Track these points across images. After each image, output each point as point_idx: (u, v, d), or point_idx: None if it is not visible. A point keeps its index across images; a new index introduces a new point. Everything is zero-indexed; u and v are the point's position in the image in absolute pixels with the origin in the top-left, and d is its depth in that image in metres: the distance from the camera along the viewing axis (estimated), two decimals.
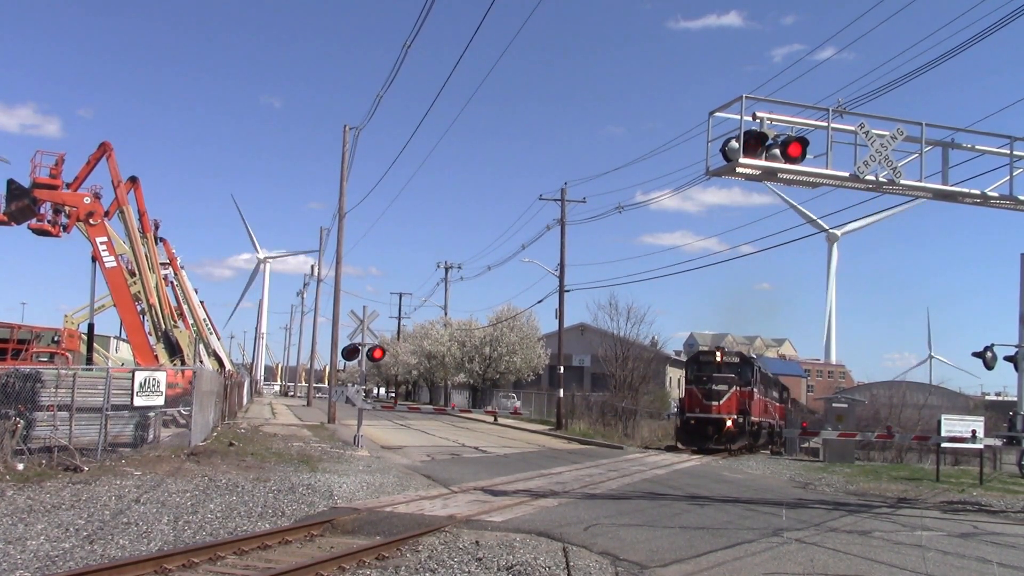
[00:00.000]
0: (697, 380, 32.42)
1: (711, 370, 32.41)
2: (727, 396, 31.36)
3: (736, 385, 31.83)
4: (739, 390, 31.86)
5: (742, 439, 31.86)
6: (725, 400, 31.31)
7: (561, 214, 42.61)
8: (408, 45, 24.74)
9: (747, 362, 33.85)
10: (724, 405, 31.26)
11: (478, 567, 9.01)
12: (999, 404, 55.40)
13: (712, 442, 30.85)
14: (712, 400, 31.32)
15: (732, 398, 31.40)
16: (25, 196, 27.98)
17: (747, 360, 34.18)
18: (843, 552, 10.90)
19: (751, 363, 33.93)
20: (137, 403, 18.47)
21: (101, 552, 9.26)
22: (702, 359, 33.77)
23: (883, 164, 14.13)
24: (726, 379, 31.77)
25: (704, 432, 31.05)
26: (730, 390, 31.50)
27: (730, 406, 31.28)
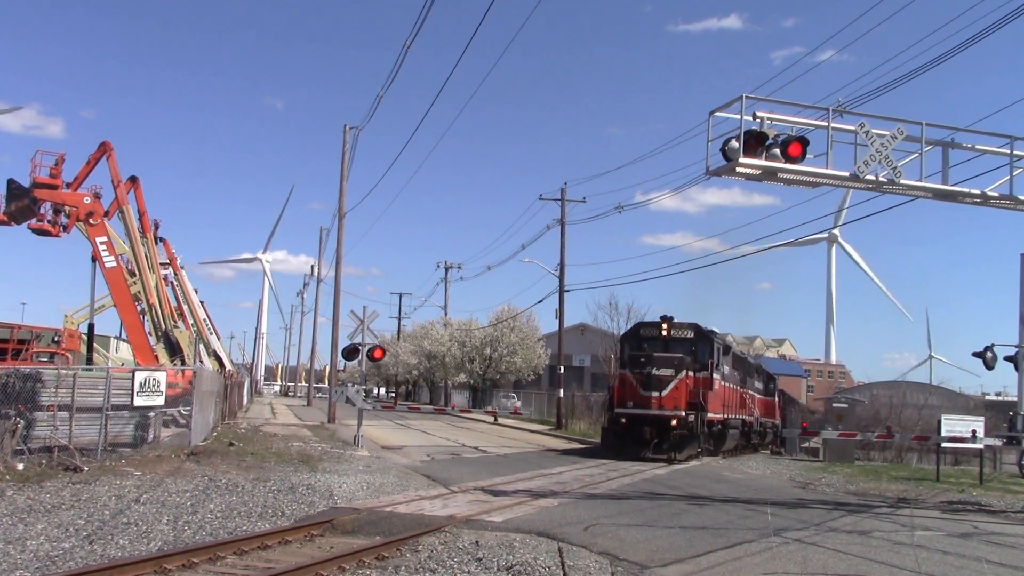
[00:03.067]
0: (633, 363, 24.64)
1: (654, 348, 25.30)
2: (673, 384, 23.98)
3: (687, 369, 24.50)
4: (691, 376, 24.65)
5: (692, 444, 24.36)
6: (670, 390, 23.90)
7: (561, 214, 42.65)
8: (408, 45, 24.76)
9: (704, 338, 26.28)
10: (669, 397, 23.84)
11: (478, 567, 9.01)
12: (999, 404, 55.40)
13: (650, 449, 23.76)
14: (652, 390, 23.78)
15: (680, 387, 24.10)
16: (25, 196, 27.99)
17: (704, 335, 26.38)
18: (843, 552, 10.90)
19: (710, 340, 26.28)
20: (137, 403, 18.47)
21: (101, 552, 9.26)
22: (642, 333, 26.39)
23: (883, 164, 14.13)
24: (673, 361, 24.25)
25: (639, 435, 23.82)
26: (678, 376, 24.11)
27: (677, 398, 23.92)
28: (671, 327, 25.97)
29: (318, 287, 66.25)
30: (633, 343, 26.32)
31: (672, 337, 25.80)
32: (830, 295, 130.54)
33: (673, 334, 25.85)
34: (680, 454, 24.00)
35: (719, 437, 27.42)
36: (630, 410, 24.10)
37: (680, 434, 23.99)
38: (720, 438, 27.53)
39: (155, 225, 36.22)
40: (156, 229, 36.62)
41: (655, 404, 23.80)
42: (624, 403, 24.34)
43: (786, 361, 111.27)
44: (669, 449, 23.81)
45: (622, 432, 24.39)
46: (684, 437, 24.10)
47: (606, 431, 25.73)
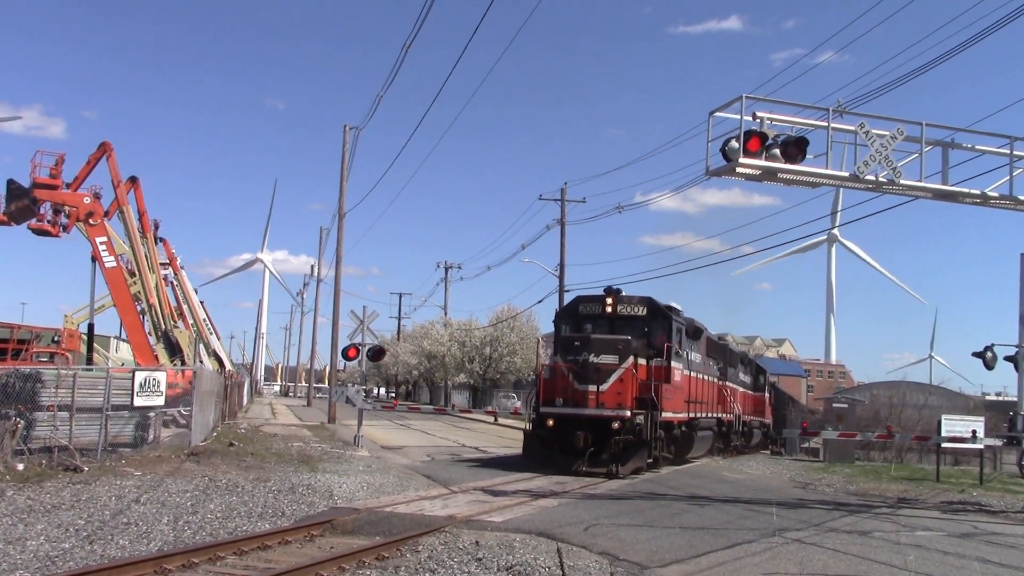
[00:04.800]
0: (566, 348, 19.70)
1: (596, 329, 20.46)
2: (616, 375, 18.83)
3: (637, 355, 19.47)
4: (643, 365, 19.72)
5: (640, 453, 18.93)
6: (613, 382, 18.78)
7: (561, 214, 42.68)
8: (408, 45, 24.77)
9: (659, 316, 21.00)
10: (610, 392, 18.77)
11: (478, 567, 9.01)
12: (999, 404, 55.39)
13: (585, 460, 18.55)
14: (588, 383, 18.75)
15: (626, 379, 18.90)
16: (25, 196, 27.99)
17: (660, 312, 21.07)
18: (843, 552, 10.90)
19: (667, 318, 20.96)
20: (137, 403, 18.47)
21: (101, 552, 9.25)
22: (582, 310, 21.43)
23: (883, 164, 14.13)
24: (617, 345, 19.16)
25: (570, 441, 18.61)
26: (623, 364, 18.93)
27: (621, 393, 18.83)
28: (617, 302, 20.84)
29: (318, 287, 66.32)
30: (570, 323, 21.29)
31: (618, 315, 20.69)
32: (830, 295, 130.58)
33: (620, 311, 20.73)
34: (624, 466, 18.57)
35: (683, 441, 22.05)
36: (559, 409, 19.02)
37: (624, 440, 18.56)
38: (684, 442, 22.14)
39: (155, 225, 36.22)
40: (156, 229, 36.63)
41: (592, 401, 18.68)
42: (552, 400, 19.29)
43: (786, 361, 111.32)
44: (610, 460, 18.52)
45: (549, 437, 19.10)
46: (630, 444, 18.66)
47: (529, 436, 19.88)
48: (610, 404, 18.74)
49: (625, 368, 18.97)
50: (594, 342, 19.20)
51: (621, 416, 18.65)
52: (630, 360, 19.11)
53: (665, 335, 20.73)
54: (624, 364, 18.99)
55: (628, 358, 19.09)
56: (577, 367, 19.06)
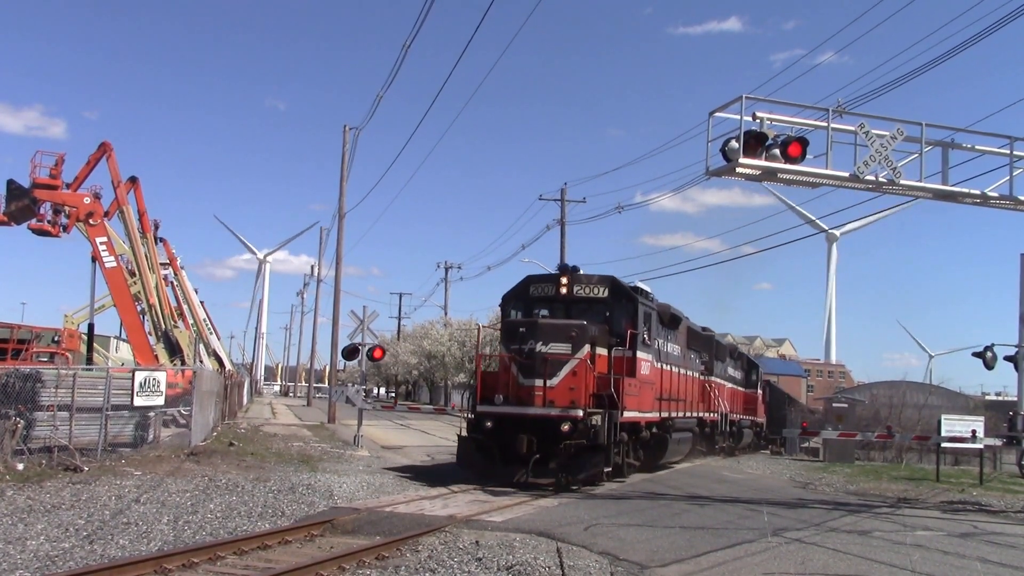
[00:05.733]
0: (510, 334, 16.86)
1: (552, 314, 17.78)
2: (568, 368, 16.07)
3: (594, 344, 16.63)
4: (602, 355, 16.95)
5: (596, 460, 15.99)
6: (564, 376, 16.05)
7: (561, 214, 42.69)
8: (408, 45, 24.78)
9: (624, 298, 18.07)
10: (561, 387, 15.99)
11: (478, 567, 9.01)
12: (999, 404, 55.38)
13: (530, 470, 15.56)
14: (534, 377, 16.00)
15: (580, 372, 16.07)
16: (25, 196, 28.01)
17: (624, 294, 18.12)
18: (843, 552, 10.90)
19: (632, 301, 18.00)
20: (137, 403, 18.48)
21: (101, 552, 9.25)
22: (533, 292, 18.31)
23: (883, 164, 14.14)
24: (570, 332, 16.33)
25: (513, 447, 15.70)
26: (577, 354, 16.15)
27: (575, 389, 16.01)
28: (572, 281, 17.84)
29: (318, 287, 66.31)
30: (521, 307, 18.39)
31: (575, 297, 17.77)
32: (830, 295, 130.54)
33: (576, 292, 17.76)
34: (575, 476, 15.88)
35: (654, 445, 19.36)
36: (498, 408, 16.14)
37: (576, 445, 15.69)
38: (656, 446, 19.40)
39: (155, 225, 36.27)
40: (156, 229, 36.67)
41: (538, 399, 15.88)
42: (490, 398, 16.48)
43: (786, 361, 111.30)
44: (559, 468, 15.71)
45: (487, 442, 16.16)
46: (583, 450, 15.77)
47: (463, 441, 16.86)
48: (560, 402, 15.91)
49: (579, 359, 16.08)
50: (542, 328, 16.32)
51: (572, 416, 15.70)
52: (586, 349, 16.29)
53: (630, 321, 17.72)
54: (578, 354, 16.14)
55: (583, 347, 16.26)
56: (522, 358, 16.19)
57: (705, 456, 26.35)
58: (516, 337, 16.55)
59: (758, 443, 35.68)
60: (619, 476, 17.91)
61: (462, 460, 17.08)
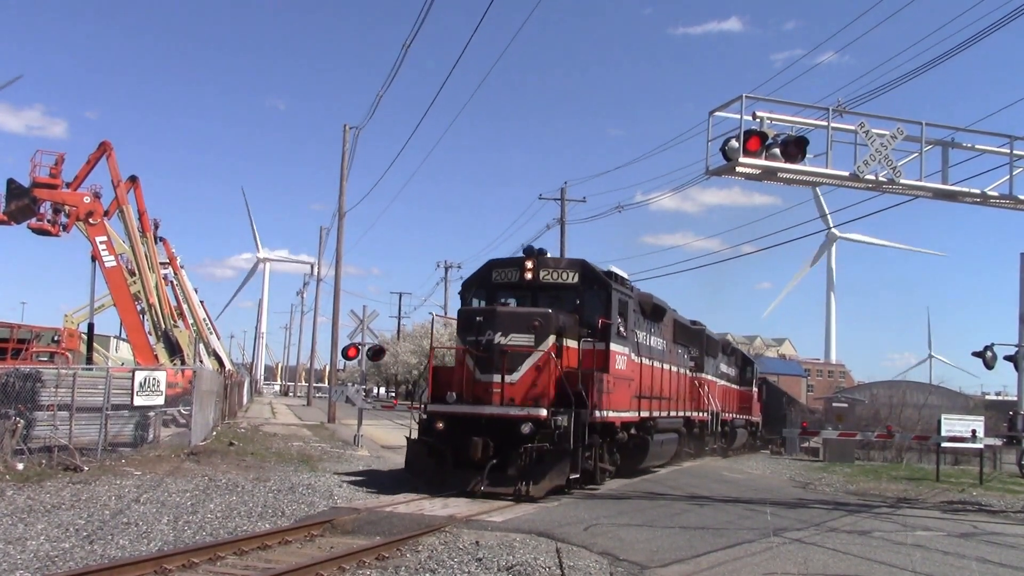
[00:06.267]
0: (467, 325, 15.22)
1: (516, 301, 16.16)
2: (531, 362, 14.61)
3: (562, 336, 15.15)
4: (568, 348, 15.30)
5: (560, 466, 14.09)
6: (526, 371, 14.60)
7: (561, 213, 42.69)
8: (408, 45, 24.76)
9: (596, 284, 16.46)
10: (522, 384, 14.57)
11: (478, 567, 9.01)
12: (999, 404, 55.42)
13: (485, 477, 13.92)
14: (492, 372, 14.56)
15: (545, 367, 14.60)
16: (25, 195, 28.02)
17: (596, 280, 16.50)
18: (843, 552, 10.90)
19: (605, 287, 16.40)
20: (137, 403, 18.49)
21: (101, 552, 9.25)
22: (495, 278, 16.65)
23: (883, 164, 14.13)
24: (532, 321, 14.74)
25: (467, 451, 14.14)
26: (541, 347, 14.65)
27: (539, 386, 14.55)
28: (539, 266, 16.16)
29: (318, 287, 66.29)
30: (483, 295, 16.69)
31: (542, 283, 16.08)
32: (830, 295, 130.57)
33: (543, 278, 16.07)
34: (537, 484, 13.82)
35: (633, 448, 17.73)
36: (451, 407, 14.63)
37: (538, 449, 13.93)
38: (635, 449, 17.79)
39: (155, 225, 36.26)
40: (156, 229, 36.66)
41: (497, 397, 14.39)
42: (442, 396, 14.94)
43: (786, 361, 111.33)
44: (519, 476, 13.86)
45: (439, 446, 14.54)
46: (546, 454, 13.95)
47: (413, 445, 15.10)
48: (521, 400, 14.43)
49: (543, 352, 14.54)
50: (501, 316, 14.77)
51: (533, 416, 14.08)
52: (551, 341, 14.71)
53: (603, 309, 16.12)
54: (542, 346, 14.58)
55: (548, 338, 14.68)
56: (478, 351, 14.68)
57: (694, 458, 24.89)
58: (472, 327, 14.92)
59: (754, 443, 35.05)
60: (591, 483, 16.06)
61: (411, 466, 15.28)
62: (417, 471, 15.02)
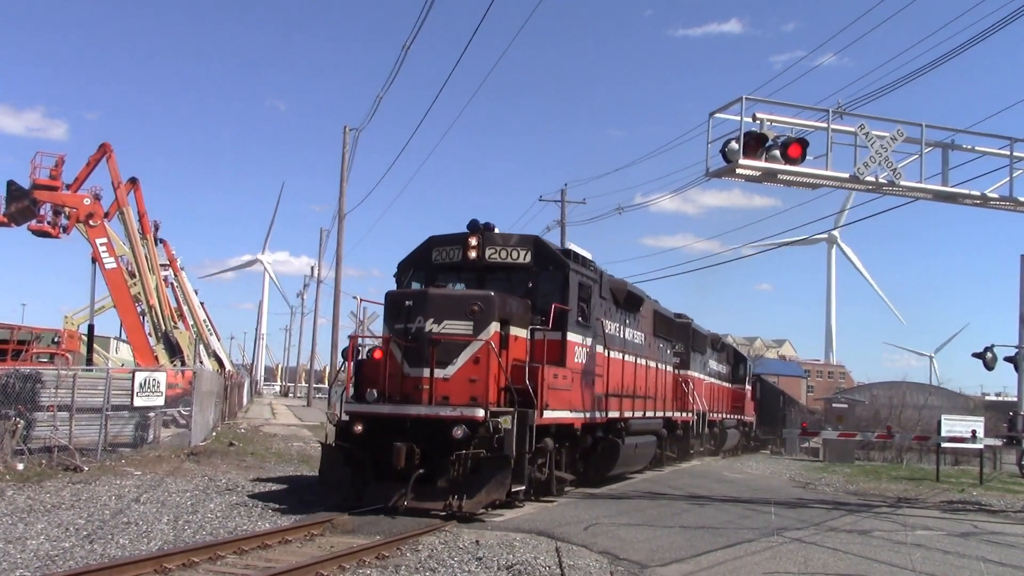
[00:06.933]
0: (395, 311, 12.94)
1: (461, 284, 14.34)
2: (468, 354, 12.49)
3: (508, 323, 13.02)
4: (517, 338, 13.25)
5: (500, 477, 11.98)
6: (463, 365, 12.48)
7: (561, 215, 42.66)
8: (408, 45, 24.79)
9: (550, 263, 14.37)
10: (458, 380, 12.46)
11: (478, 566, 9.01)
12: (999, 404, 55.45)
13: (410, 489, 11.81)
14: (422, 365, 12.43)
15: (483, 358, 12.46)
16: (25, 197, 28.06)
17: (551, 259, 14.45)
18: (843, 552, 10.91)
19: (562, 267, 14.32)
20: (137, 403, 18.51)
21: (101, 552, 9.26)
22: (436, 259, 14.59)
23: (883, 165, 14.15)
24: (471, 305, 12.59)
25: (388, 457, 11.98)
26: (481, 335, 12.49)
27: (477, 382, 12.43)
28: (485, 243, 14.17)
29: (318, 288, 66.19)
30: (419, 277, 14.63)
31: (489, 264, 14.14)
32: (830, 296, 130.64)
33: (491, 257, 14.14)
34: (471, 499, 11.72)
35: (600, 453, 16.15)
36: (372, 407, 12.49)
37: (474, 457, 11.89)
38: (602, 454, 16.19)
39: (155, 226, 36.26)
40: (156, 230, 36.67)
41: (425, 395, 12.30)
42: (365, 394, 12.74)
43: (786, 361, 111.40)
44: (451, 488, 11.85)
45: (357, 454, 12.42)
46: (485, 464, 11.91)
47: (327, 452, 13.05)
48: (457, 399, 12.29)
49: (483, 342, 12.40)
50: (433, 300, 12.62)
51: (467, 417, 11.93)
52: (493, 329, 12.54)
53: (560, 292, 14.09)
54: (482, 335, 12.42)
55: (489, 326, 12.49)
56: (407, 341, 12.54)
57: (677, 463, 23.34)
58: (400, 313, 12.71)
59: (747, 444, 34.00)
60: (546, 494, 14.13)
61: (324, 477, 12.98)
62: (332, 483, 12.66)
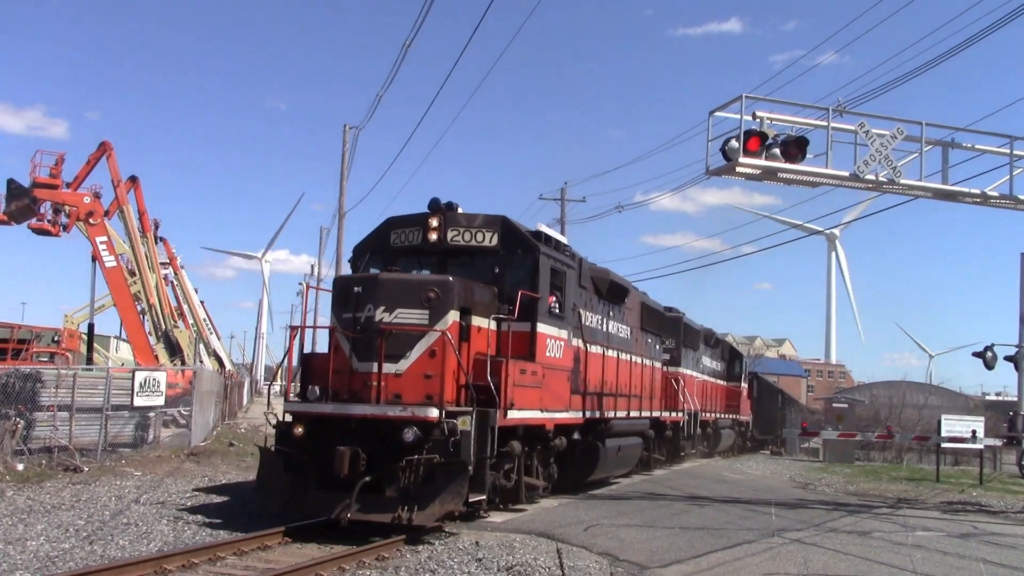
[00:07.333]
0: (343, 299, 11.66)
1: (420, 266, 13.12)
2: (424, 347, 11.12)
3: (469, 312, 11.78)
4: (480, 329, 11.93)
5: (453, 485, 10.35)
6: (417, 359, 11.11)
7: (561, 214, 42.62)
8: (408, 45, 24.73)
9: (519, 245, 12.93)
10: (412, 375, 11.09)
11: (478, 567, 9.01)
12: (999, 404, 55.46)
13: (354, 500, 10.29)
14: (371, 360, 11.06)
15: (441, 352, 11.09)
16: (25, 196, 28.07)
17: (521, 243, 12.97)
18: (843, 552, 10.90)
19: (531, 250, 12.86)
20: (137, 403, 18.52)
21: (101, 552, 9.25)
22: (395, 242, 13.24)
23: (883, 164, 14.14)
24: (428, 292, 11.22)
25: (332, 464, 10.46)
26: (438, 325, 11.14)
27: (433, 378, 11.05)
28: (447, 224, 12.85)
29: (318, 288, 66.23)
30: (377, 261, 13.28)
31: (452, 247, 12.86)
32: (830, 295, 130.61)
33: (453, 239, 12.84)
34: (423, 511, 10.22)
35: (579, 456, 15.08)
36: (315, 407, 11.29)
37: (427, 463, 10.44)
38: (581, 458, 15.16)
39: (155, 225, 36.29)
40: (156, 229, 36.70)
41: (373, 392, 10.94)
42: (308, 392, 11.63)
43: (786, 361, 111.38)
44: (401, 498, 10.36)
45: (298, 458, 11.02)
46: (439, 470, 10.45)
47: (266, 457, 11.44)
48: (411, 396, 10.92)
49: (440, 332, 11.04)
50: (384, 286, 11.24)
51: (418, 418, 10.55)
52: (452, 319, 11.21)
53: (529, 279, 12.66)
54: (440, 325, 11.07)
55: (447, 315, 11.15)
56: (355, 332, 11.22)
57: (667, 465, 22.27)
58: (349, 301, 11.37)
59: (743, 445, 33.14)
60: (514, 502, 12.85)
61: (262, 485, 11.47)
62: (271, 492, 11.24)
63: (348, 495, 10.35)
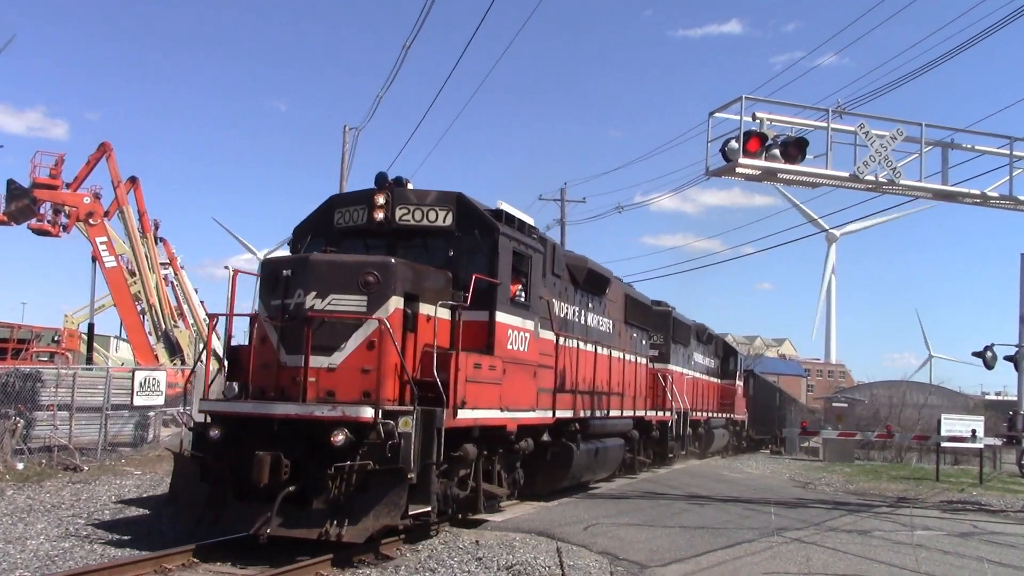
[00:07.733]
0: (271, 284, 10.18)
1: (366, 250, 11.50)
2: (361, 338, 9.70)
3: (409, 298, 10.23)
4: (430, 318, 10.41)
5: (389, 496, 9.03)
6: (354, 351, 9.68)
7: (561, 214, 42.61)
8: (408, 45, 24.72)
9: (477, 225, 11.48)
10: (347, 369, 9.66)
11: (478, 566, 9.01)
12: (999, 404, 55.47)
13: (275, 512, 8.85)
14: (298, 352, 9.63)
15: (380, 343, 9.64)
16: (25, 196, 28.09)
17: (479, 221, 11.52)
18: (843, 551, 10.91)
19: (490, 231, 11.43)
20: (137, 402, 18.53)
21: (101, 552, 9.26)
22: (339, 221, 11.86)
23: (883, 164, 14.14)
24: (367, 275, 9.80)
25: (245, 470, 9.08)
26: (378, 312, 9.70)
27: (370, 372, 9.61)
28: (395, 201, 11.44)
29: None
30: (319, 244, 11.68)
31: (402, 227, 11.46)
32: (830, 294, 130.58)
33: (403, 219, 11.45)
34: (355, 525, 8.96)
35: (551, 461, 13.94)
36: (232, 406, 10.03)
37: (360, 469, 9.25)
38: (552, 462, 13.97)
39: (155, 225, 36.24)
40: (156, 229, 36.64)
41: (298, 388, 9.67)
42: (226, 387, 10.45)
43: (786, 361, 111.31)
44: (330, 511, 9.11)
45: (216, 464, 9.68)
46: (374, 479, 9.23)
47: (180, 463, 10.28)
48: (345, 394, 9.67)
49: (379, 321, 9.70)
50: (315, 268, 10.00)
51: (349, 419, 9.26)
52: (393, 306, 9.91)
53: (486, 264, 11.36)
54: (380, 313, 9.76)
55: (388, 301, 9.87)
56: (283, 320, 9.94)
57: (653, 468, 20.95)
58: (277, 286, 10.10)
59: (738, 445, 31.75)
60: (472, 510, 11.54)
61: (176, 495, 10.13)
62: (180, 500, 10.01)
63: (267, 508, 8.98)
